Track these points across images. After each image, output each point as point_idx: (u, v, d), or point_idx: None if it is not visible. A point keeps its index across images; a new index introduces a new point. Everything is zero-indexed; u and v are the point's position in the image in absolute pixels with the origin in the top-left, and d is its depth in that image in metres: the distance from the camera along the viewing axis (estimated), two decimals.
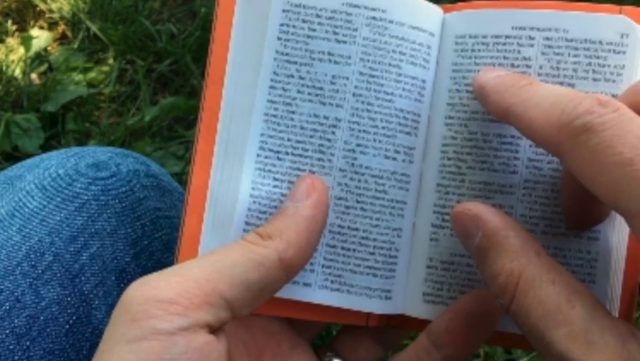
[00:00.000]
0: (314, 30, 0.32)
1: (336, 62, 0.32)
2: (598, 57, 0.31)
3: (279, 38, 0.32)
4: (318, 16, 0.32)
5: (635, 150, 0.22)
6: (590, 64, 0.31)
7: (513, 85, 0.28)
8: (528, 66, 0.31)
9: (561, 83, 0.31)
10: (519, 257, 0.26)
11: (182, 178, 0.90)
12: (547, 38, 0.31)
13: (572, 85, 0.31)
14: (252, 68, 0.32)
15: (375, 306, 0.32)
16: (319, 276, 0.32)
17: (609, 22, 0.31)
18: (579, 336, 0.23)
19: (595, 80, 0.31)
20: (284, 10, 0.32)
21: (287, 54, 0.32)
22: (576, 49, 0.31)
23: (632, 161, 0.22)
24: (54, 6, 1.11)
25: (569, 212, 0.30)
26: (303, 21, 0.32)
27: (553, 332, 0.24)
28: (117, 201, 0.38)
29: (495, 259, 0.26)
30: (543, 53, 0.31)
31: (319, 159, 0.32)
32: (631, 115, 0.24)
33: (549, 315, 0.24)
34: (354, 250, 0.32)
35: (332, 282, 0.32)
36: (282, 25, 0.32)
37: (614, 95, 0.30)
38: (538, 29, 0.31)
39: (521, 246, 0.26)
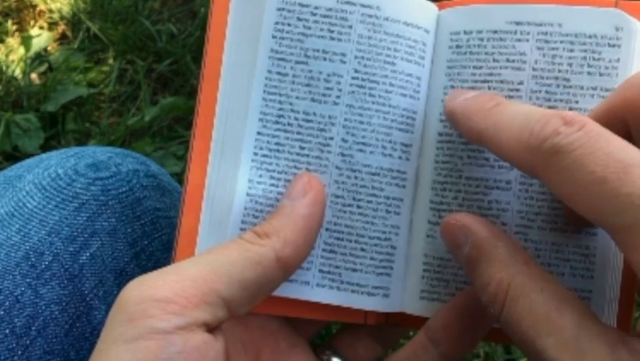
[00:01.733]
0: (309, 28, 0.32)
1: (331, 60, 0.32)
2: (593, 51, 0.31)
3: (273, 37, 0.32)
4: (312, 14, 0.32)
5: (606, 167, 0.22)
6: (585, 58, 0.31)
7: (481, 108, 0.28)
8: (523, 61, 0.31)
9: (556, 78, 0.31)
10: (508, 266, 0.26)
11: (182, 178, 0.89)
12: (542, 33, 0.31)
13: (567, 79, 0.31)
14: (247, 66, 0.32)
15: (373, 304, 0.32)
16: (317, 274, 0.32)
17: (604, 16, 0.31)
18: (569, 344, 0.23)
19: (590, 74, 0.31)
20: (278, 9, 0.32)
21: (282, 52, 0.32)
22: (571, 43, 0.31)
23: (605, 179, 0.22)
24: (54, 6, 1.11)
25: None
26: (298, 19, 0.32)
27: (543, 341, 0.24)
28: (117, 201, 0.38)
29: (484, 268, 0.26)
30: (538, 48, 0.31)
31: (315, 157, 0.32)
32: (597, 130, 0.24)
33: (539, 323, 0.24)
34: (351, 248, 0.32)
35: (329, 280, 0.32)
36: (276, 23, 0.32)
37: (607, 90, 0.30)
38: (532, 24, 0.31)
39: (510, 255, 0.26)
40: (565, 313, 0.24)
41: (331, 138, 0.32)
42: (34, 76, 1.04)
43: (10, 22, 1.11)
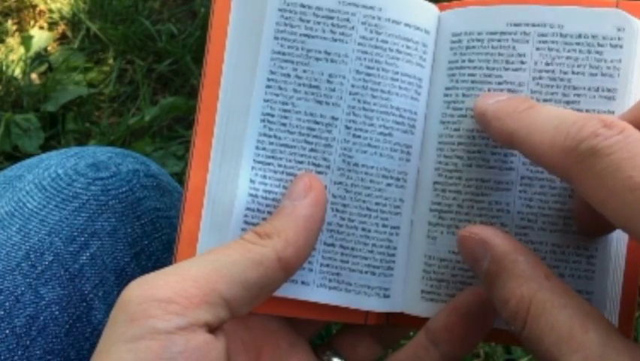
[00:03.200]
0: (310, 29, 0.32)
1: (332, 61, 0.32)
2: (594, 52, 0.31)
3: (275, 38, 0.32)
4: (314, 15, 0.32)
5: None
6: (586, 58, 0.31)
7: (514, 110, 0.28)
8: (523, 62, 0.31)
9: (557, 79, 0.31)
10: (529, 282, 0.25)
11: (182, 178, 0.90)
12: (542, 34, 0.31)
13: (568, 80, 0.31)
14: (248, 67, 0.32)
15: (374, 304, 0.32)
16: (317, 275, 0.32)
17: (605, 16, 0.31)
18: None
19: (591, 74, 0.31)
20: (280, 9, 0.32)
21: (283, 53, 0.32)
22: (572, 44, 0.31)
23: None
24: (54, 6, 1.11)
25: (581, 220, 0.30)
26: (300, 20, 0.32)
27: (567, 359, 0.23)
28: (117, 201, 0.38)
29: (504, 284, 0.26)
30: (538, 49, 0.31)
31: (316, 158, 0.32)
32: (637, 136, 0.23)
33: (563, 341, 0.23)
34: (352, 249, 0.32)
35: (330, 280, 0.32)
36: (278, 24, 0.32)
37: (609, 90, 0.30)
38: (532, 25, 0.31)
39: (531, 270, 0.25)
40: (589, 330, 0.23)
41: (333, 139, 0.32)
42: (34, 76, 1.04)
43: (10, 22, 1.11)
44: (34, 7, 1.13)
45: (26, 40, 1.06)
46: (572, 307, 0.24)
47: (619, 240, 0.30)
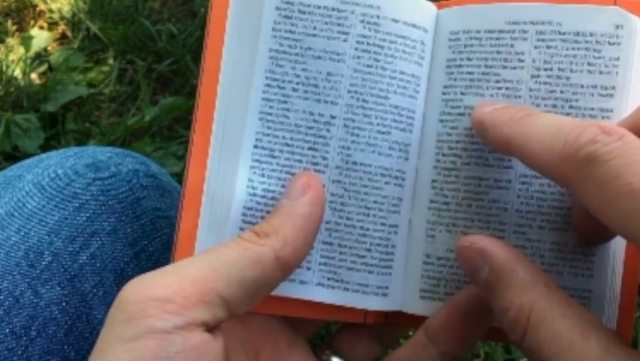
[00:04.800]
0: (308, 27, 0.32)
1: (330, 59, 0.32)
2: (593, 49, 0.31)
3: (273, 36, 0.32)
4: (312, 13, 0.32)
5: None
6: (584, 56, 0.31)
7: (512, 117, 0.28)
8: (521, 60, 0.31)
9: (556, 77, 0.31)
10: (528, 291, 0.25)
11: (182, 178, 0.90)
12: (540, 32, 0.31)
13: (566, 78, 0.31)
14: (246, 65, 0.32)
15: (373, 303, 0.32)
16: (316, 273, 0.32)
17: (603, 14, 0.30)
18: None
19: (590, 72, 0.31)
20: (277, 8, 0.32)
21: (282, 52, 0.32)
22: (570, 41, 0.31)
23: None
24: (54, 6, 1.11)
25: (580, 228, 0.30)
26: (298, 19, 0.32)
27: None
28: (116, 201, 0.38)
29: (504, 293, 0.26)
30: (536, 47, 0.31)
31: (314, 157, 0.32)
32: (637, 142, 0.23)
33: (563, 350, 0.23)
34: (350, 247, 0.32)
35: (329, 279, 0.32)
36: (276, 22, 0.32)
37: (607, 88, 0.30)
38: (531, 23, 0.31)
39: (530, 279, 0.25)
40: (590, 338, 0.23)
41: (331, 138, 0.32)
42: (34, 76, 1.04)
43: (10, 22, 1.11)
44: (34, 7, 1.13)
45: (26, 40, 1.06)
46: (571, 316, 0.24)
47: (618, 239, 0.30)
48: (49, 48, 1.08)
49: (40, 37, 1.08)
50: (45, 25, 1.12)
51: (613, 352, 0.23)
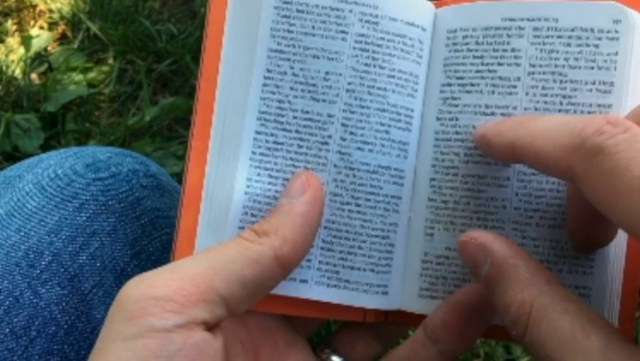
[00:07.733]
0: (307, 27, 0.32)
1: (329, 59, 0.32)
2: (591, 45, 0.30)
3: (272, 35, 0.32)
4: (310, 12, 0.32)
5: None
6: (582, 52, 0.30)
7: (515, 123, 0.27)
8: (517, 57, 0.31)
9: (553, 73, 0.31)
10: (529, 287, 0.25)
11: (182, 178, 0.90)
12: (537, 28, 0.31)
13: (564, 74, 0.31)
14: (245, 65, 0.32)
15: (372, 302, 0.32)
16: (315, 272, 0.32)
17: (602, 9, 0.30)
18: None
19: (588, 68, 0.30)
20: (275, 7, 0.32)
21: (280, 51, 0.32)
22: (568, 37, 0.31)
23: None
24: (54, 6, 1.11)
25: (575, 235, 0.30)
26: (296, 18, 0.32)
27: None
28: (116, 201, 0.38)
29: (505, 289, 0.26)
30: (532, 44, 0.31)
31: (313, 156, 0.32)
32: None
33: (564, 346, 0.23)
34: (350, 246, 0.32)
35: (328, 278, 0.32)
36: (274, 22, 0.32)
37: (605, 83, 0.30)
38: (527, 19, 0.31)
39: (531, 275, 0.25)
40: (591, 335, 0.23)
41: (329, 137, 0.32)
42: (34, 76, 1.04)
43: (10, 22, 1.11)
44: (34, 7, 1.13)
45: (26, 40, 1.06)
46: (573, 312, 0.24)
47: (618, 236, 0.30)
48: (49, 48, 1.08)
49: (40, 37, 1.08)
50: (45, 25, 1.12)
51: (614, 348, 0.23)
